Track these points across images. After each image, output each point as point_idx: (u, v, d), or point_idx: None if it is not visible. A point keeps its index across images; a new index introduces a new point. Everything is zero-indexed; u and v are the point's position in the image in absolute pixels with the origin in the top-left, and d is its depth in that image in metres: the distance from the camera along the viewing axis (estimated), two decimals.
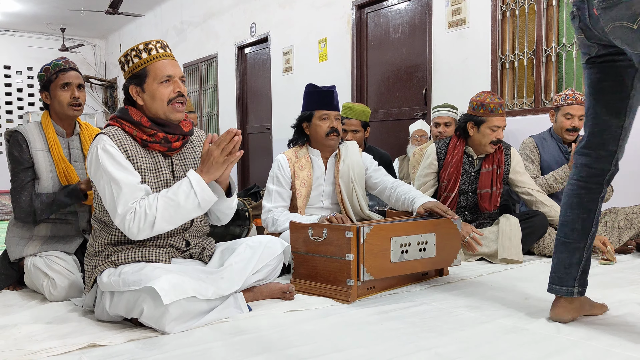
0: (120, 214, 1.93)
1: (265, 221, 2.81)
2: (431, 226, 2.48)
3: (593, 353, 1.64)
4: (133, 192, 1.94)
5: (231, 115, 8.28)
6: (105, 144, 1.98)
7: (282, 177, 2.83)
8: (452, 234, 2.57)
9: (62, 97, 2.49)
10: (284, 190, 2.82)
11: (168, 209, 1.93)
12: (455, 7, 4.86)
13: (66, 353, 1.69)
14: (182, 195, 1.94)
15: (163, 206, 1.93)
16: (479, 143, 3.11)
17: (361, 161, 2.95)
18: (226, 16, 8.14)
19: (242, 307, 2.05)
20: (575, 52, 4.18)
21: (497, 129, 3.06)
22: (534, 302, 2.22)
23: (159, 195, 1.96)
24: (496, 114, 3.05)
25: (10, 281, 2.53)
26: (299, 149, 2.92)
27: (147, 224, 1.92)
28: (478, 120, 3.07)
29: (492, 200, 3.14)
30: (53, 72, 2.50)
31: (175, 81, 2.07)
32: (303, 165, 2.86)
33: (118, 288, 1.88)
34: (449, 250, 2.56)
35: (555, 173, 3.29)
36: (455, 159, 3.14)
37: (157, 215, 1.92)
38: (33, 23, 10.65)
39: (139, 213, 1.92)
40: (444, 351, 1.67)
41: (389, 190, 2.87)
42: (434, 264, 2.53)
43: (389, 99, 5.73)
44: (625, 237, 3.21)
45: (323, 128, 2.84)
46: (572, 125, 3.34)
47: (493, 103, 3.06)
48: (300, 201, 2.82)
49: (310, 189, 2.86)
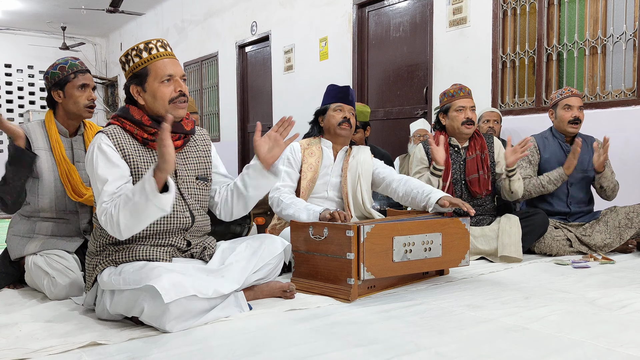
0: (99, 214, 1.91)
1: (272, 199, 2.85)
2: (437, 226, 2.46)
3: (593, 352, 1.64)
4: (110, 192, 1.91)
5: (232, 114, 8.28)
6: (102, 142, 1.98)
7: (292, 160, 2.92)
8: (460, 234, 2.54)
9: (80, 98, 2.49)
10: (293, 171, 2.90)
11: (126, 207, 1.83)
12: (456, 5, 4.86)
13: (67, 352, 1.69)
14: (137, 193, 1.82)
15: (122, 205, 1.84)
16: (453, 129, 3.25)
17: (371, 161, 2.98)
18: (227, 15, 8.14)
19: (243, 306, 2.05)
20: (576, 51, 4.18)
21: (462, 109, 3.20)
22: (534, 301, 2.22)
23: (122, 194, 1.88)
24: (457, 97, 3.23)
25: (10, 280, 2.53)
26: (313, 139, 3.00)
27: (115, 225, 1.86)
28: (445, 108, 3.27)
29: (482, 183, 3.21)
30: (71, 72, 2.50)
31: (177, 80, 2.06)
32: (313, 152, 2.94)
33: (119, 287, 1.88)
34: (456, 250, 2.53)
35: (549, 174, 3.29)
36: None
37: (120, 216, 1.84)
38: (34, 21, 10.65)
39: (109, 214, 1.88)
40: (445, 350, 1.67)
41: (396, 183, 2.85)
42: (440, 264, 2.50)
43: (389, 98, 5.72)
44: (625, 236, 3.21)
45: (336, 118, 2.92)
46: (573, 116, 3.32)
47: (453, 89, 3.26)
48: (304, 183, 2.89)
49: (317, 175, 2.90)
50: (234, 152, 8.20)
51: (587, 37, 4.12)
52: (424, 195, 2.66)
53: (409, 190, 2.76)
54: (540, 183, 3.30)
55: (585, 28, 4.15)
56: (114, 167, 1.96)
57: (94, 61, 12.29)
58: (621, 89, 3.96)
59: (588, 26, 4.14)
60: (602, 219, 3.29)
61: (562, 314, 2.03)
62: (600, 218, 3.31)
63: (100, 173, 1.93)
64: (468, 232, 2.57)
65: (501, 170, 3.27)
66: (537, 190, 3.31)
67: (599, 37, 4.05)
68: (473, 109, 3.23)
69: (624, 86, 3.96)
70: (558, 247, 3.19)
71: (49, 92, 2.53)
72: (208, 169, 2.24)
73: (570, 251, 3.22)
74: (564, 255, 3.19)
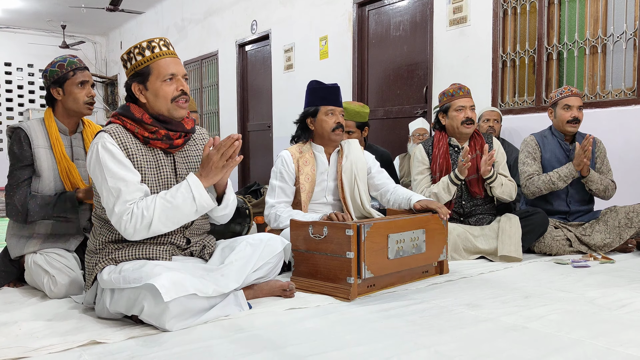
0: (117, 213, 1.93)
1: (268, 217, 2.81)
2: (422, 222, 2.56)
3: (593, 351, 1.64)
4: (132, 191, 1.95)
5: (232, 112, 8.27)
6: (106, 141, 1.98)
7: (285, 173, 2.84)
8: (438, 230, 2.66)
9: (79, 95, 2.50)
10: (287, 186, 2.83)
11: (165, 211, 1.94)
12: (457, 4, 4.86)
13: (66, 350, 1.69)
14: (180, 199, 1.95)
15: (160, 208, 1.94)
16: (453, 129, 3.25)
17: (364, 158, 2.96)
18: (227, 13, 8.13)
19: (243, 305, 2.06)
20: (576, 50, 4.18)
21: (462, 109, 3.21)
22: (534, 300, 2.22)
23: (157, 197, 1.96)
24: (457, 96, 3.23)
25: (10, 278, 2.53)
26: (303, 145, 2.92)
27: (143, 225, 1.93)
28: (444, 108, 3.27)
29: (480, 184, 3.23)
30: (69, 70, 2.50)
31: (179, 79, 2.07)
32: (307, 161, 2.87)
33: (118, 285, 1.88)
34: (436, 246, 2.64)
35: (559, 170, 3.27)
36: (442, 150, 3.26)
37: (154, 217, 1.92)
38: (34, 20, 10.64)
39: (136, 214, 1.92)
40: (444, 349, 1.67)
41: (389, 194, 2.94)
42: (425, 259, 2.59)
43: (389, 97, 5.72)
44: (625, 236, 3.21)
45: (329, 123, 2.85)
46: (572, 115, 3.32)
47: (453, 88, 3.27)
48: (304, 196, 2.83)
49: (314, 184, 2.87)
50: None
51: (588, 36, 4.12)
52: (407, 199, 2.80)
53: (396, 198, 2.88)
54: (550, 179, 3.27)
55: (585, 27, 4.15)
56: (125, 167, 1.97)
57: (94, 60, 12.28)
58: (621, 89, 3.96)
59: (588, 25, 4.14)
60: (602, 219, 3.29)
61: (562, 313, 2.04)
62: (600, 218, 3.31)
63: (115, 173, 1.94)
64: (445, 228, 2.70)
65: (499, 171, 3.27)
66: (548, 187, 3.28)
67: (599, 36, 4.05)
68: (473, 108, 3.24)
69: (624, 85, 3.96)
70: (558, 247, 3.19)
71: (48, 90, 2.53)
72: None
73: (570, 251, 3.22)
74: (564, 255, 3.19)
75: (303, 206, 2.83)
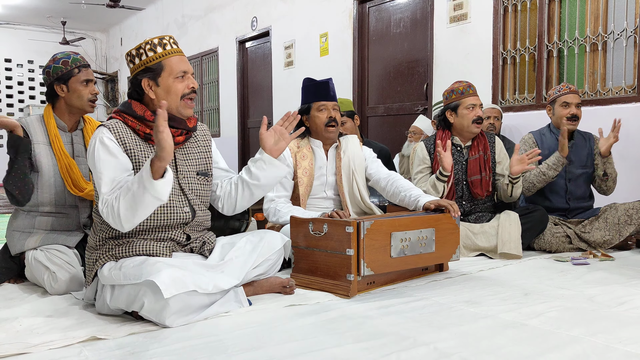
0: (101, 207, 1.92)
1: (267, 211, 2.82)
2: (431, 221, 2.50)
3: (592, 349, 1.65)
4: (113, 185, 1.92)
5: (232, 109, 8.27)
6: (104, 136, 1.98)
7: None
8: (451, 229, 2.59)
9: (84, 93, 2.51)
10: (285, 180, 2.83)
11: (125, 198, 1.85)
12: (457, 1, 4.85)
13: (67, 346, 1.70)
14: (135, 182, 1.83)
15: (122, 196, 1.86)
16: (462, 127, 3.21)
17: (361, 154, 2.96)
18: (227, 10, 8.12)
19: (243, 301, 2.06)
20: (577, 47, 4.17)
21: (473, 107, 3.18)
22: (533, 297, 2.22)
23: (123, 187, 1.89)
24: (467, 94, 3.20)
25: (11, 274, 2.54)
26: (300, 140, 2.93)
27: (116, 216, 1.87)
28: (453, 105, 3.22)
29: (483, 185, 3.21)
30: (74, 67, 2.51)
31: (189, 77, 2.09)
32: (305, 155, 2.88)
33: (119, 281, 1.89)
34: (448, 245, 2.58)
35: (547, 160, 3.29)
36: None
37: (120, 207, 1.85)
38: (34, 16, 10.62)
39: (110, 205, 1.89)
40: (443, 346, 1.67)
41: (384, 181, 2.88)
42: (434, 259, 2.55)
43: (390, 94, 5.72)
44: (625, 233, 3.21)
45: (321, 119, 2.85)
46: (571, 113, 3.32)
47: (462, 86, 3.24)
48: (302, 190, 2.83)
49: (312, 178, 2.87)
50: (234, 147, 8.20)
51: (588, 33, 4.11)
52: (414, 200, 2.71)
53: (397, 192, 2.80)
54: (540, 171, 3.28)
55: (586, 25, 4.15)
56: (115, 159, 1.97)
57: (94, 56, 12.26)
58: (622, 86, 3.96)
59: (589, 23, 4.13)
60: (602, 216, 3.29)
61: (561, 310, 2.04)
62: (600, 215, 3.31)
63: (102, 165, 1.94)
64: (458, 227, 2.63)
65: (502, 171, 3.26)
66: (539, 179, 3.29)
67: (599, 33, 4.05)
68: (481, 107, 3.23)
69: (624, 83, 3.96)
70: (557, 244, 3.19)
71: (51, 86, 2.52)
72: (208, 164, 2.25)
73: (569, 248, 3.22)
74: (564, 252, 3.19)
75: (301, 200, 2.83)
